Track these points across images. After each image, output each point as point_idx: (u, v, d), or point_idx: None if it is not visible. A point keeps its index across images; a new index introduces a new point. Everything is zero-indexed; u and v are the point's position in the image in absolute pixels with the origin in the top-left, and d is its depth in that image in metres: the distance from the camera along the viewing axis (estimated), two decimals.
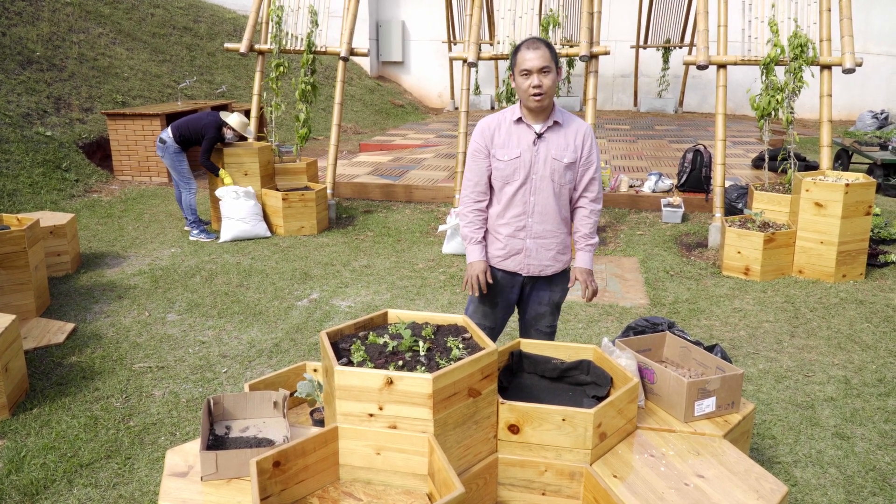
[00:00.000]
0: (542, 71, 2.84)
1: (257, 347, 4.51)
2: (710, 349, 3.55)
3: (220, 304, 5.25)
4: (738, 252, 6.05)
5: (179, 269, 6.02)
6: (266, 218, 7.11)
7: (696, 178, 8.17)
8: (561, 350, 2.89)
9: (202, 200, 8.25)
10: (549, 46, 2.88)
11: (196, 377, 4.09)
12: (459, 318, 2.73)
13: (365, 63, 18.48)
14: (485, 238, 3.13)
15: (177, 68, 13.36)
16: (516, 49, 2.93)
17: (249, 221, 6.85)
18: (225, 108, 11.32)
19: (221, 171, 6.95)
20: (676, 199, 7.75)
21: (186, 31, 14.84)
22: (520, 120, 2.98)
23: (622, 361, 2.86)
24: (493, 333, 3.27)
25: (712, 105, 17.56)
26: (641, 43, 16.68)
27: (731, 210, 7.30)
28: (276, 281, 5.75)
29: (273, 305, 5.24)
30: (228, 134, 6.95)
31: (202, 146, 6.78)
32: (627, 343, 3.11)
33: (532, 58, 2.84)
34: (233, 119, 6.92)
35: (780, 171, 6.97)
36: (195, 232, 7.04)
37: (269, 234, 7.02)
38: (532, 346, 2.92)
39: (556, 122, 2.99)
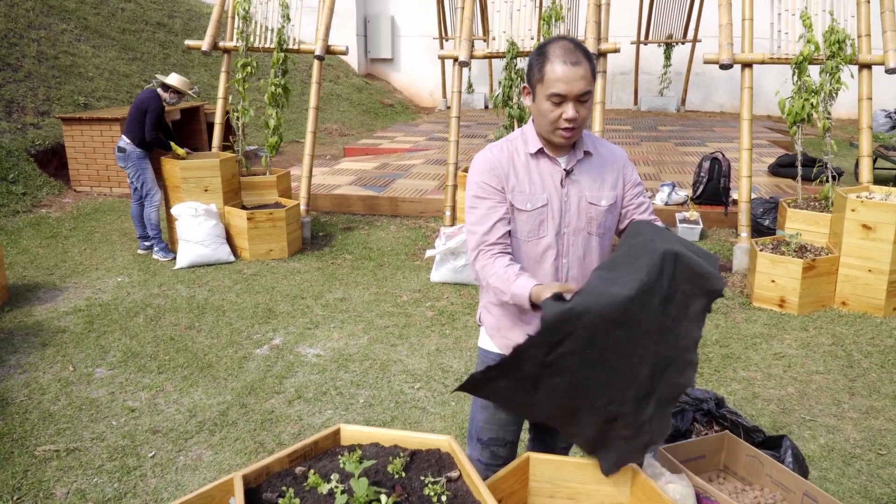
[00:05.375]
0: (581, 98, 1.94)
1: (199, 417, 3.66)
2: (777, 443, 2.72)
3: (161, 353, 4.39)
4: (773, 281, 5.22)
5: (122, 305, 5.15)
6: (229, 240, 6.24)
7: (713, 190, 7.34)
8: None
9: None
10: (589, 58, 1.96)
11: (114, 465, 3.23)
12: (444, 441, 1.89)
13: (352, 60, 17.59)
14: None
15: (148, 67, 12.44)
16: (542, 54, 1.96)
17: (209, 245, 5.98)
18: (196, 110, 10.43)
19: (174, 145, 6.22)
20: (693, 213, 6.92)
21: (160, 27, 13.92)
22: (540, 152, 2.07)
23: (675, 491, 2.03)
24: (513, 451, 2.33)
25: (716, 103, 16.75)
26: (642, 39, 15.84)
27: (755, 228, 6.47)
28: (233, 321, 4.89)
29: (226, 355, 4.38)
30: (172, 98, 6.18)
31: (146, 122, 6.00)
32: (673, 451, 2.28)
33: (570, 78, 1.91)
34: (172, 78, 6.15)
35: (815, 181, 6.13)
36: (156, 249, 6.21)
37: (232, 258, 6.15)
38: None
39: (586, 153, 2.10)
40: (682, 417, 2.97)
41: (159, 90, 6.11)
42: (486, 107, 16.98)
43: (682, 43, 15.55)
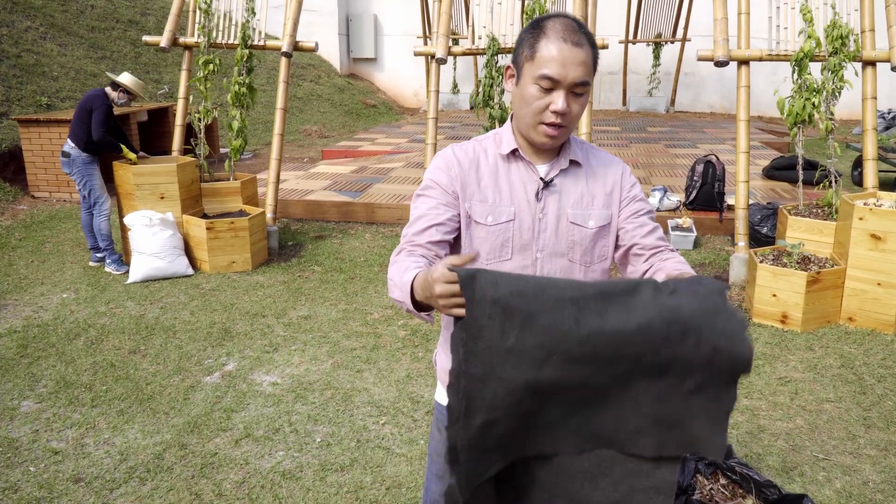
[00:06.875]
0: (576, 90, 1.54)
1: (130, 461, 3.20)
2: (796, 503, 2.31)
3: (98, 382, 3.92)
4: (774, 295, 4.82)
5: (62, 325, 4.68)
6: (188, 251, 5.78)
7: (707, 194, 6.94)
8: None
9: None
10: (593, 44, 1.56)
11: None
12: None
13: (334, 60, 17.14)
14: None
15: (118, 66, 11.92)
16: (538, 27, 1.56)
17: (165, 257, 5.51)
18: (165, 111, 9.95)
19: (124, 148, 5.72)
20: (686, 220, 6.52)
21: (132, 24, 13.40)
22: (514, 154, 1.67)
23: None
24: None
25: (706, 104, 16.44)
26: (631, 38, 15.47)
27: (752, 236, 6.07)
28: (184, 343, 4.43)
29: (171, 384, 3.92)
30: (121, 98, 5.74)
31: (92, 120, 5.52)
32: None
33: (568, 60, 1.51)
34: (124, 77, 5.73)
35: (818, 186, 5.73)
36: (109, 261, 5.74)
37: (190, 271, 5.68)
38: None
39: (573, 163, 1.68)
40: (683, 469, 2.56)
41: (108, 89, 5.66)
42: (472, 107, 16.56)
43: (672, 42, 15.22)
